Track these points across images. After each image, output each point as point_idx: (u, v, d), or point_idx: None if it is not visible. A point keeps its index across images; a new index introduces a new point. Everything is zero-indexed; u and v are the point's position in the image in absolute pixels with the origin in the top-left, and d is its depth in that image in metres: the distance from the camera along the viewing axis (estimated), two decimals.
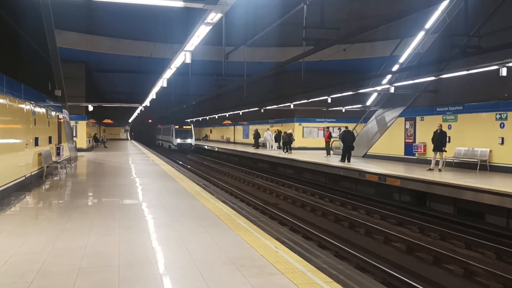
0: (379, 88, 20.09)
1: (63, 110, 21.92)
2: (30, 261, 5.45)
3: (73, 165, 20.79)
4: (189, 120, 54.40)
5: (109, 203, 9.94)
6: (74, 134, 29.67)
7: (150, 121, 78.18)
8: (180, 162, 31.78)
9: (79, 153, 27.53)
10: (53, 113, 18.00)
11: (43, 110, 15.53)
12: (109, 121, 60.29)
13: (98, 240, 6.49)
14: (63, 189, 12.87)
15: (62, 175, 15.97)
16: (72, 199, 10.74)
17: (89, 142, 35.55)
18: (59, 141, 19.40)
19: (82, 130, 32.59)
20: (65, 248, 6.08)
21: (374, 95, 25.62)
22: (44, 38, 17.16)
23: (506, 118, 15.49)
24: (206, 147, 46.38)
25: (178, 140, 47.30)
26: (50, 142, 16.82)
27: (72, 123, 29.36)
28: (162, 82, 18.32)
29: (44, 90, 16.39)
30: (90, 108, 30.56)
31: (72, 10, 20.84)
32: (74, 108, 28.98)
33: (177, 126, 48.38)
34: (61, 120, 20.60)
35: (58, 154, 18.07)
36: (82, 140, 32.35)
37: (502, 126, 15.65)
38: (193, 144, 48.20)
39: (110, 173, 17.33)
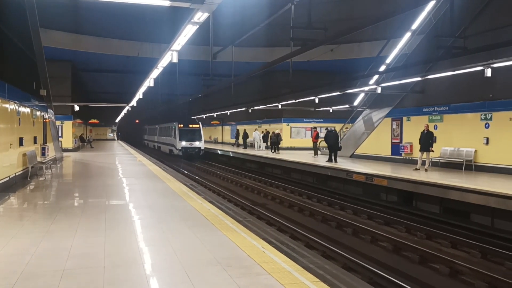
0: (366, 88, 20.22)
1: (49, 110, 21.67)
2: (14, 262, 5.36)
3: (58, 165, 20.56)
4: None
5: (95, 204, 9.84)
6: (59, 134, 29.36)
7: (137, 121, 77.50)
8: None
9: (65, 154, 27.23)
10: (38, 113, 17.78)
11: (27, 110, 15.34)
12: (96, 121, 59.77)
13: (84, 241, 6.41)
14: (48, 189, 12.71)
15: (47, 175, 15.79)
16: (57, 200, 10.62)
17: (75, 142, 35.20)
18: (44, 141, 19.17)
19: (68, 130, 32.24)
20: (50, 249, 6.00)
21: (361, 95, 25.76)
22: (29, 37, 16.94)
23: (491, 119, 15.68)
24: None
25: (183, 143, 36.82)
26: (35, 142, 16.62)
27: (58, 123, 29.07)
28: (149, 82, 18.22)
29: (29, 89, 16.18)
30: (76, 108, 30.28)
31: (58, 9, 20.62)
32: (60, 108, 28.68)
33: (182, 125, 37.90)
34: (47, 120, 20.36)
35: (43, 154, 17.86)
36: (68, 140, 32.01)
37: (487, 126, 15.82)
38: (203, 148, 37.61)
39: (97, 174, 17.18)
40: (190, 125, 38.37)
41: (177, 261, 5.47)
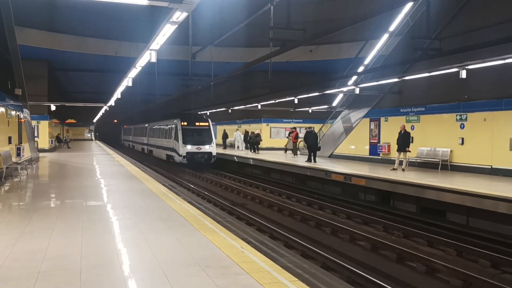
0: (345, 89, 20.39)
1: (24, 109, 21.27)
2: None
3: (34, 166, 20.19)
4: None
5: (72, 205, 9.70)
6: (35, 134, 28.84)
7: (115, 121, 76.55)
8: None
9: (41, 154, 26.77)
10: (13, 113, 17.45)
11: (2, 109, 15.04)
12: (73, 121, 58.87)
13: (60, 243, 6.31)
14: (24, 190, 12.48)
15: (22, 176, 15.49)
16: (33, 201, 10.43)
17: (52, 143, 34.62)
18: (20, 142, 18.82)
19: (44, 130, 31.72)
20: (25, 251, 5.88)
21: (340, 96, 25.95)
22: (3, 35, 16.61)
23: (466, 119, 15.98)
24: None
25: (188, 148, 27.80)
26: (10, 142, 16.30)
27: (34, 123, 28.54)
28: (127, 82, 18.04)
29: (3, 88, 15.86)
30: (53, 107, 29.77)
31: (33, 7, 20.27)
32: (36, 108, 28.15)
33: (185, 123, 28.84)
34: (22, 120, 19.98)
35: (18, 154, 17.52)
36: (44, 140, 31.48)
37: (462, 126, 16.13)
38: (215, 153, 28.56)
39: (74, 174, 16.93)
40: (197, 123, 29.45)
41: (155, 262, 5.42)
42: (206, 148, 28.19)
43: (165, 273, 5.00)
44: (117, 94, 24.74)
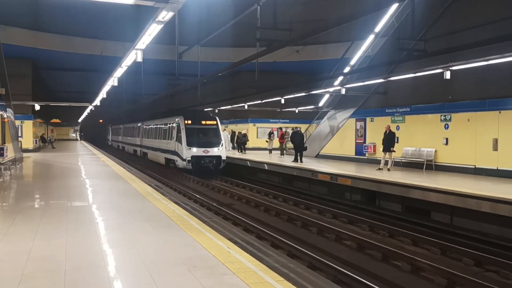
0: (331, 89, 20.51)
1: (8, 109, 20.99)
2: None
3: (18, 166, 19.93)
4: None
5: (56, 205, 9.60)
6: (19, 134, 28.48)
7: (101, 120, 75.71)
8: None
9: (25, 154, 26.42)
10: None
11: None
12: (58, 120, 58.21)
13: (44, 244, 6.24)
14: (7, 191, 12.31)
15: (6, 176, 15.27)
16: (17, 202, 10.31)
17: (36, 143, 34.22)
18: (3, 142, 18.56)
19: (28, 130, 31.34)
20: (8, 252, 5.81)
21: (327, 96, 26.10)
22: None
23: (450, 120, 16.16)
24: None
25: (194, 151, 23.63)
26: None
27: (18, 122, 28.17)
28: (113, 81, 17.92)
29: None
30: (37, 107, 29.38)
31: (17, 6, 20.01)
32: (20, 107, 27.76)
33: (189, 121, 24.50)
34: (5, 120, 19.71)
35: (1, 155, 17.26)
36: (28, 140, 31.10)
37: (446, 127, 16.31)
38: (224, 157, 24.39)
39: (58, 175, 16.76)
40: (203, 122, 25.16)
41: (141, 263, 5.40)
42: (215, 151, 24.10)
43: (151, 274, 4.98)
44: (102, 94, 24.55)
